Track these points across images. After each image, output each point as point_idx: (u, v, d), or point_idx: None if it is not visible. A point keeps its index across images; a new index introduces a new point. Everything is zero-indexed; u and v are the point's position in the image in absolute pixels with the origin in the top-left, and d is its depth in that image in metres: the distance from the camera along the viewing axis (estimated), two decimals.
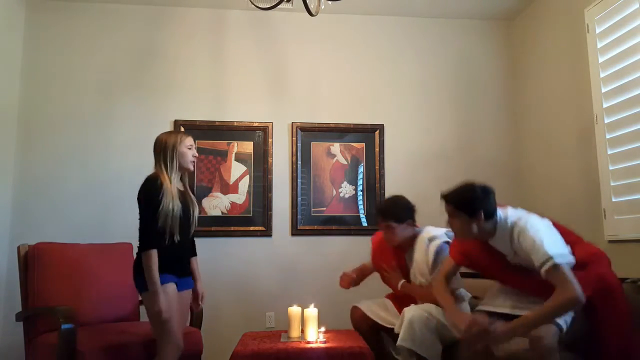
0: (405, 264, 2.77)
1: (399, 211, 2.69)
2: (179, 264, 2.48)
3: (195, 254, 2.68)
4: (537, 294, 2.08)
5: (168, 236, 2.36)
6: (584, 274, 2.02)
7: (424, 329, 2.39)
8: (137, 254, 2.40)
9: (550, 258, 1.96)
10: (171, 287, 2.37)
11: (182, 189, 2.53)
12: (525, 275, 2.15)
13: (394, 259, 2.80)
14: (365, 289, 3.08)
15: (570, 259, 2.01)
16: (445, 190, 2.24)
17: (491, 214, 2.16)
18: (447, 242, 2.62)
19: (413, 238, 2.72)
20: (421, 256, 2.64)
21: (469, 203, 2.14)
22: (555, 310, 1.94)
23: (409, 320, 2.40)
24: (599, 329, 2.03)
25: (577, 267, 2.03)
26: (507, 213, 2.19)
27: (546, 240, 2.02)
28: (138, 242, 2.38)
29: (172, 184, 2.42)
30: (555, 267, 1.95)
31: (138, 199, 2.42)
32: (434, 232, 2.68)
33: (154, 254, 2.30)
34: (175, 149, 2.46)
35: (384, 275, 2.87)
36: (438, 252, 2.60)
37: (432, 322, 2.43)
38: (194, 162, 2.56)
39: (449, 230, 2.59)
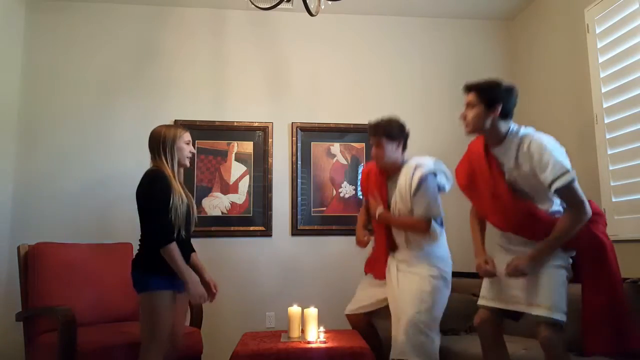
0: (387, 191, 2.72)
1: (391, 129, 2.67)
2: None
3: (194, 250, 2.64)
4: (518, 228, 2.13)
5: (176, 233, 2.31)
6: (582, 227, 2.02)
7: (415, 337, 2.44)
8: (137, 253, 2.36)
9: (567, 171, 1.96)
10: (169, 294, 2.31)
11: (182, 186, 2.49)
12: (515, 203, 2.11)
13: (376, 186, 2.76)
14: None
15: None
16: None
17: (507, 114, 2.13)
18: (434, 174, 2.59)
19: (400, 166, 2.68)
20: (405, 181, 2.60)
21: (491, 91, 2.13)
22: (571, 229, 1.98)
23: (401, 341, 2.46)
24: (584, 286, 2.07)
25: None
26: (521, 128, 2.15)
27: (562, 154, 2.01)
28: (141, 240, 2.34)
29: (176, 179, 2.38)
30: (573, 181, 1.96)
31: (143, 194, 2.33)
32: (423, 161, 2.62)
33: (174, 246, 2.27)
34: (175, 144, 2.41)
35: (368, 204, 2.82)
36: (422, 180, 2.54)
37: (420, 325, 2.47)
38: (190, 158, 2.50)
39: (437, 161, 2.64)
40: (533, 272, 2.05)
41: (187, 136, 2.49)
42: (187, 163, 2.50)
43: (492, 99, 2.11)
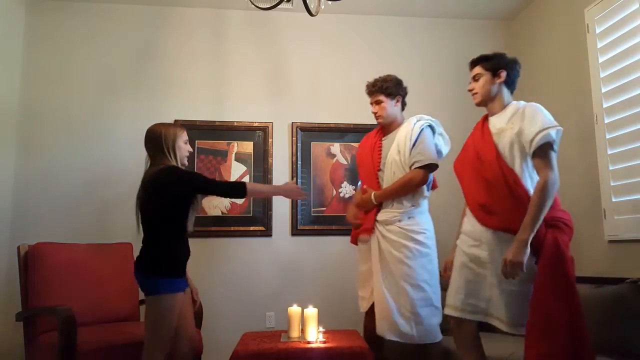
0: (380, 151, 2.75)
1: (388, 85, 2.75)
2: (186, 263, 2.45)
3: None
4: (497, 199, 2.10)
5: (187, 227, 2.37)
6: (551, 234, 1.99)
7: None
8: (139, 255, 2.33)
9: (551, 127, 2.05)
10: (181, 296, 2.34)
11: None
12: (499, 165, 2.11)
13: (370, 148, 2.80)
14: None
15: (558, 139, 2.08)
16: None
17: (511, 82, 2.28)
18: (431, 127, 2.69)
19: (399, 123, 2.76)
20: (406, 132, 2.65)
21: (495, 59, 2.28)
22: (543, 201, 1.99)
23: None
24: (541, 289, 1.93)
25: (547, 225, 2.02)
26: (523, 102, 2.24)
27: (552, 119, 2.10)
28: (145, 241, 2.32)
29: None
30: (550, 144, 2.04)
31: (173, 181, 2.30)
32: (424, 116, 2.73)
33: (250, 184, 2.42)
34: (175, 143, 2.41)
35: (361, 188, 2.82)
36: (423, 129, 2.64)
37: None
38: (187, 157, 2.52)
39: (437, 122, 2.74)
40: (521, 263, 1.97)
41: (185, 135, 2.49)
42: (186, 162, 2.52)
43: (496, 66, 2.26)
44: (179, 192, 2.32)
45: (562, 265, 1.93)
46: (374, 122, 3.83)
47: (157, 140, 2.40)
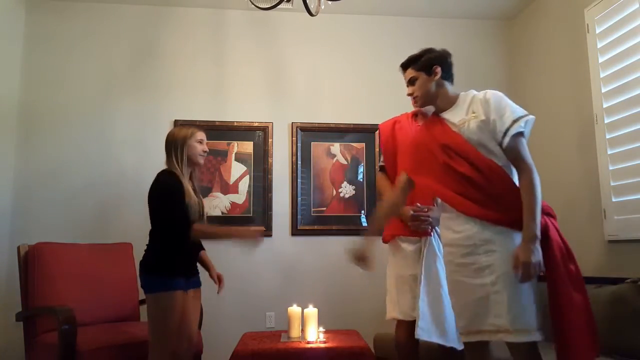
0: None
1: (424, 57, 2.21)
2: (191, 264, 2.50)
3: (203, 247, 2.70)
4: (488, 187, 1.90)
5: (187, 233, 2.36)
6: (549, 221, 1.88)
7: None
8: (146, 253, 2.38)
9: (524, 116, 1.89)
10: (181, 295, 2.34)
11: (193, 185, 2.53)
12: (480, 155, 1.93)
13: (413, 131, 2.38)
14: (372, 288, 3.07)
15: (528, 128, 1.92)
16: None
17: (448, 76, 2.14)
18: None
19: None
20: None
21: (424, 57, 2.16)
22: (539, 192, 1.83)
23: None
24: (556, 282, 1.82)
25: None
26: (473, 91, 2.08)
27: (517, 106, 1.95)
28: (149, 242, 2.35)
29: (185, 179, 2.43)
30: (522, 133, 1.89)
31: (156, 194, 2.37)
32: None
33: (197, 225, 2.37)
34: (185, 143, 2.46)
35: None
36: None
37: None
38: (203, 156, 2.54)
39: None
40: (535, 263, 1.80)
41: (199, 135, 2.53)
42: (200, 161, 2.53)
43: (428, 64, 2.13)
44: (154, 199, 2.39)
45: (569, 251, 1.86)
46: (374, 122, 3.85)
47: (167, 143, 2.50)
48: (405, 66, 2.23)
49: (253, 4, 2.67)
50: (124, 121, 3.65)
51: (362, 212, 3.75)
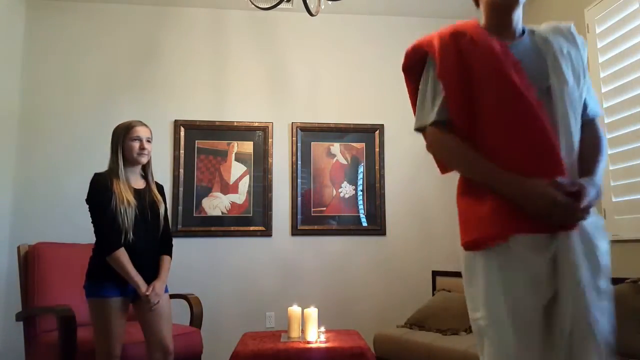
0: (512, 58, 1.43)
1: None
2: (136, 269, 2.25)
3: (166, 252, 2.42)
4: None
5: (123, 237, 2.20)
6: None
7: None
8: (91, 258, 2.30)
9: None
10: (115, 302, 2.21)
11: (140, 185, 2.36)
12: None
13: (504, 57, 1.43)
14: (372, 288, 3.06)
15: None
16: None
17: None
18: None
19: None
20: (556, 33, 1.51)
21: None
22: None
23: None
24: None
25: None
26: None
27: None
28: (95, 247, 2.28)
29: (121, 180, 2.27)
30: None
31: (86, 201, 2.29)
32: None
33: (121, 253, 2.18)
34: (120, 140, 2.32)
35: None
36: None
37: None
38: (144, 155, 2.33)
39: None
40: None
41: (135, 132, 2.32)
42: (140, 160, 2.33)
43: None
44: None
45: None
46: (374, 122, 3.86)
47: (111, 139, 2.38)
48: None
49: (253, 4, 2.68)
50: (123, 121, 3.62)
51: (362, 212, 3.75)
